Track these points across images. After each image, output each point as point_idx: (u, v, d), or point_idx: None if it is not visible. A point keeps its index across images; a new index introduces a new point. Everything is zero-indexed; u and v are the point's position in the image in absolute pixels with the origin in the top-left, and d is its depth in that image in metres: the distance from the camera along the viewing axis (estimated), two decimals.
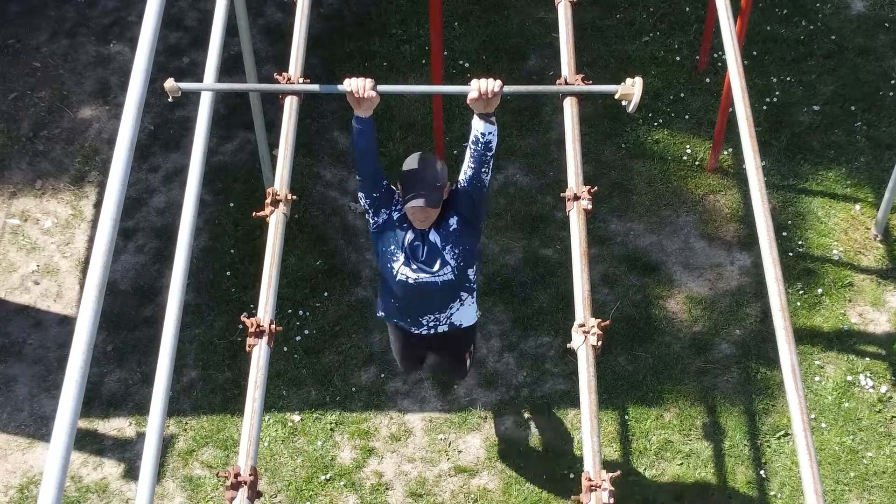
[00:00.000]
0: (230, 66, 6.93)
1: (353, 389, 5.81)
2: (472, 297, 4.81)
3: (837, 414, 5.71)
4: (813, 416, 5.70)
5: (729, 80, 5.34)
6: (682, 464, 5.57)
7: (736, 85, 4.39)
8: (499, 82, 4.14)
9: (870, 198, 6.49)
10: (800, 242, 6.33)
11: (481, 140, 4.28)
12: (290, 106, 4.32)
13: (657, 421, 5.71)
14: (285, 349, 5.92)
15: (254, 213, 4.10)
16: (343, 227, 6.40)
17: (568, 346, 3.85)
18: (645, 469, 5.55)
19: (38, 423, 5.73)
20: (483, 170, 4.37)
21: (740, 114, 4.28)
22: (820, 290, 6.14)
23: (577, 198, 4.07)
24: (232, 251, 6.31)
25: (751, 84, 6.83)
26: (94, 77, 7.15)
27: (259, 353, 3.69)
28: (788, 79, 7.02)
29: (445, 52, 6.98)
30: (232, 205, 6.50)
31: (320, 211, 6.49)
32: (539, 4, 7.39)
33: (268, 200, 4.05)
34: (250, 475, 3.38)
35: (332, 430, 5.69)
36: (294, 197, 4.12)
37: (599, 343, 3.68)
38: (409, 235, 4.50)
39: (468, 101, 4.21)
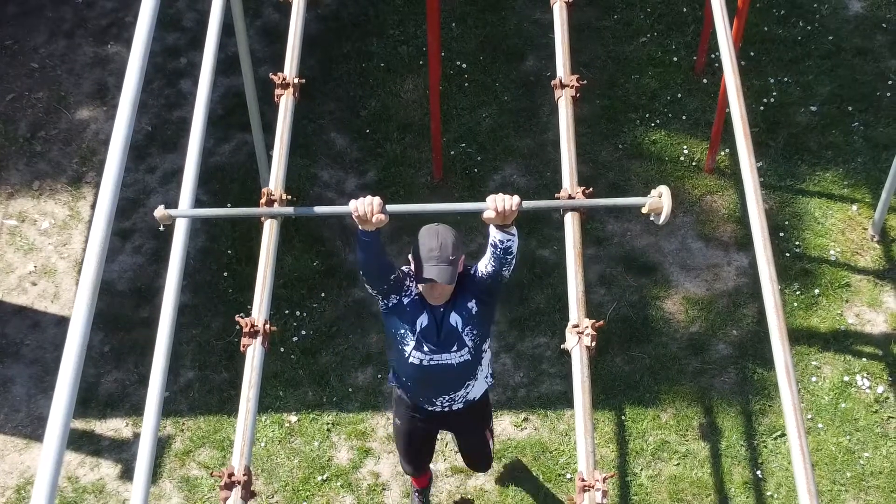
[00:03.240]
0: (227, 67, 6.94)
1: (350, 390, 5.81)
2: (487, 367, 4.57)
3: (834, 414, 5.71)
4: (810, 417, 5.70)
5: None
6: (678, 464, 5.56)
7: (731, 85, 4.39)
8: (517, 198, 3.85)
9: (867, 198, 6.49)
10: (797, 243, 6.33)
11: (500, 246, 4.07)
12: (285, 105, 4.33)
13: (654, 421, 5.71)
14: (282, 350, 5.92)
15: None
16: (340, 227, 6.40)
17: (562, 346, 3.85)
18: (641, 469, 5.55)
19: (35, 423, 5.73)
20: (504, 270, 4.15)
21: (735, 114, 4.28)
22: (817, 291, 6.14)
23: (571, 199, 4.07)
24: (229, 252, 6.31)
25: (748, 85, 6.84)
26: (91, 78, 7.16)
27: (253, 354, 3.69)
28: (786, 79, 7.02)
29: (443, 53, 6.99)
30: (229, 205, 6.50)
31: None
32: (536, 5, 7.39)
33: (263, 200, 4.05)
34: (244, 475, 3.38)
35: (328, 430, 5.69)
36: (290, 197, 4.11)
37: (593, 343, 3.69)
38: (423, 319, 4.24)
39: (483, 219, 3.92)
